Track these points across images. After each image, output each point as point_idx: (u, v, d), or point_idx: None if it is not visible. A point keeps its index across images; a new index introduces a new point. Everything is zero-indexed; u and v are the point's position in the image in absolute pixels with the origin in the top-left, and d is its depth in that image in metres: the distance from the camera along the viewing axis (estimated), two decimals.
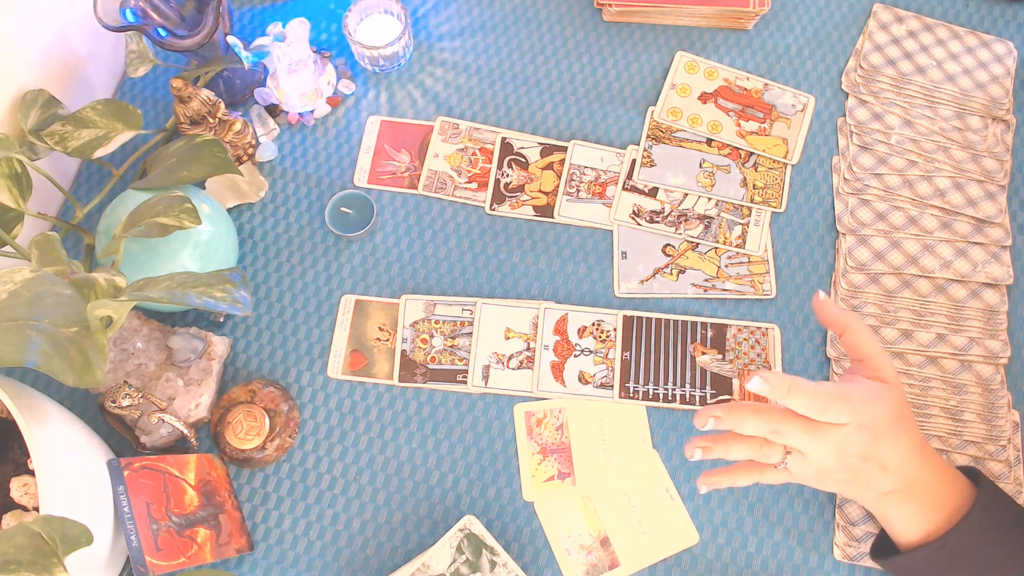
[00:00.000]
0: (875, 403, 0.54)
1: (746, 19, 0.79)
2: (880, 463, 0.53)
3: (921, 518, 0.55)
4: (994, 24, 0.79)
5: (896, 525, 0.56)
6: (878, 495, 0.55)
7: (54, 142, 0.66)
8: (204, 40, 0.67)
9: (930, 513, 0.54)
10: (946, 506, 0.54)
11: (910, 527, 0.55)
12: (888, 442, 0.53)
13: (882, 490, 0.54)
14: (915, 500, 0.54)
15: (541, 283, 0.72)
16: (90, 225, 0.71)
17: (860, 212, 0.72)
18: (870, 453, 0.53)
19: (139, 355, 0.66)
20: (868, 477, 0.54)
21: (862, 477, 0.54)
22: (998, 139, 0.74)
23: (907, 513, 0.55)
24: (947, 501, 0.55)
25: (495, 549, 0.61)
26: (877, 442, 0.53)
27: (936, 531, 0.54)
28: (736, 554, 0.63)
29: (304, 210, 0.74)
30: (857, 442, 0.52)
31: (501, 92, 0.78)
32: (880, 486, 0.54)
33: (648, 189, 0.74)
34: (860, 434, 0.52)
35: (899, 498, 0.54)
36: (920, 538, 0.55)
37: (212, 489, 0.62)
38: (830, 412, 0.52)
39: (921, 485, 0.54)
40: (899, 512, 0.55)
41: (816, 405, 0.52)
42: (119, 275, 0.54)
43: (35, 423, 0.51)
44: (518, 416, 0.67)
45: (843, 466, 0.53)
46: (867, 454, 0.53)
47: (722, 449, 0.55)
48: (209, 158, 0.65)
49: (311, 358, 0.69)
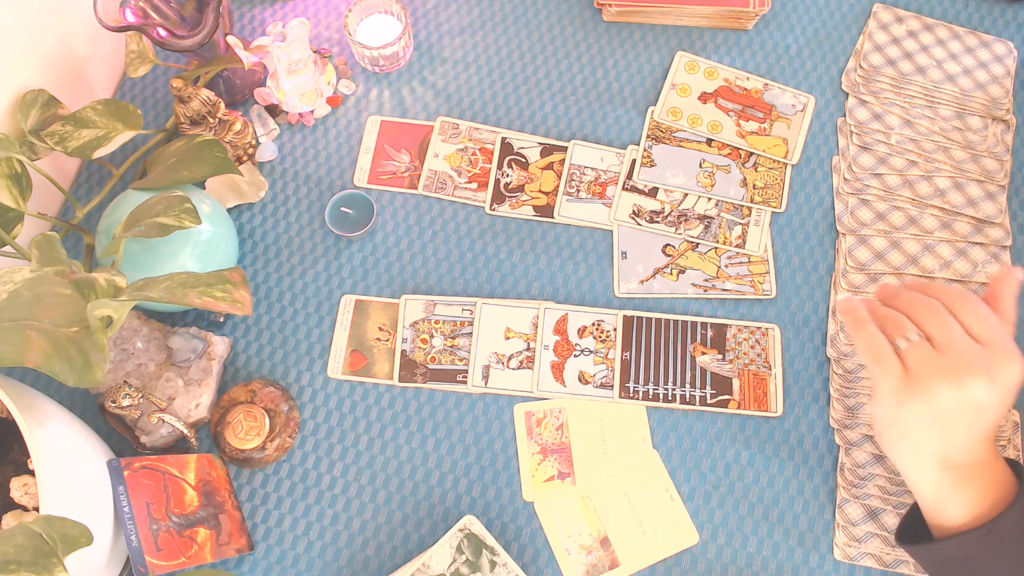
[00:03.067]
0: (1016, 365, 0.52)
1: (746, 19, 0.79)
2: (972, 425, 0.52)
3: (977, 500, 0.53)
4: (994, 24, 0.79)
5: (949, 506, 0.54)
6: (946, 465, 0.53)
7: (54, 142, 0.66)
8: (204, 40, 0.67)
9: (985, 496, 0.53)
10: (995, 491, 0.53)
11: (964, 508, 0.53)
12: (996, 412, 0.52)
13: (952, 459, 0.53)
14: (977, 480, 0.53)
15: (541, 283, 0.72)
16: (90, 225, 0.71)
17: (860, 212, 0.72)
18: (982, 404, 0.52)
19: (139, 355, 0.66)
20: (951, 431, 0.52)
21: (947, 428, 0.52)
22: (998, 139, 0.74)
23: (965, 493, 0.53)
24: (999, 486, 0.53)
25: (495, 549, 0.61)
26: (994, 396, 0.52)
27: (983, 516, 0.53)
28: (736, 554, 0.63)
29: (304, 210, 0.74)
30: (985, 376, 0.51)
31: (501, 92, 0.78)
32: (956, 450, 0.53)
33: (648, 189, 0.74)
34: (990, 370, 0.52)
35: (962, 476, 0.53)
36: (967, 521, 0.53)
37: (212, 489, 0.62)
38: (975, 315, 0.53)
39: (986, 466, 0.53)
40: (957, 492, 0.53)
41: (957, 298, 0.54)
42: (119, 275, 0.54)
43: (35, 423, 0.51)
44: (518, 416, 0.67)
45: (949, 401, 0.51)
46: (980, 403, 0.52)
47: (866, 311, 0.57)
48: (209, 158, 0.65)
49: (311, 358, 0.69)
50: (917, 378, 0.53)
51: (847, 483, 0.64)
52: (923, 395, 0.52)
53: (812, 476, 0.65)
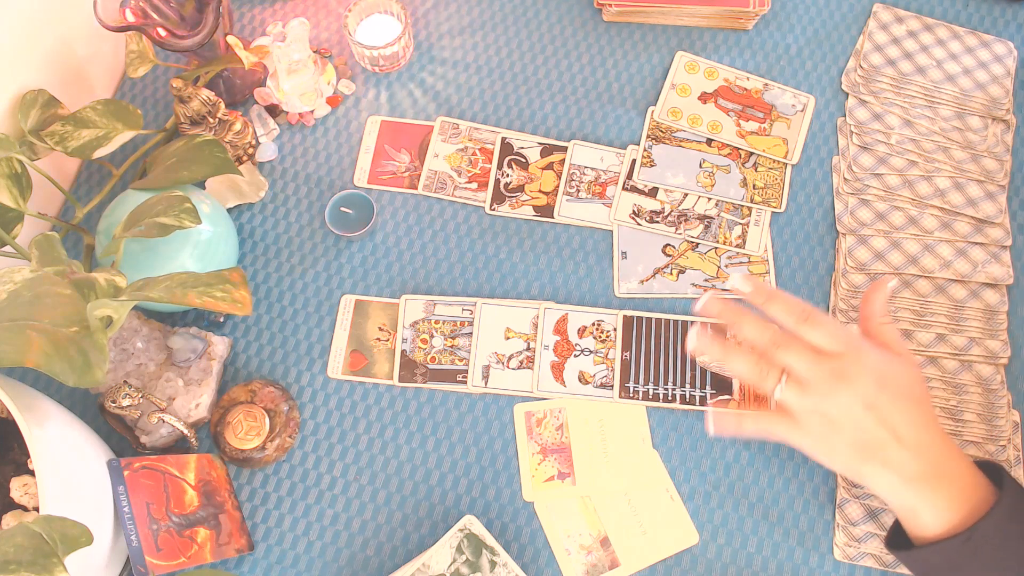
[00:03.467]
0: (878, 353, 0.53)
1: (746, 19, 0.79)
2: (892, 428, 0.52)
3: (950, 509, 0.52)
4: (994, 24, 0.79)
5: (923, 516, 0.53)
6: (904, 479, 0.53)
7: (54, 142, 0.66)
8: (204, 40, 0.67)
9: (959, 504, 0.52)
10: (972, 497, 0.52)
11: (938, 519, 0.53)
12: (899, 404, 0.52)
13: (906, 471, 0.52)
14: (944, 489, 0.53)
15: (541, 283, 0.72)
16: (90, 225, 0.71)
17: (860, 212, 0.72)
18: (875, 403, 0.51)
19: (139, 355, 0.66)
20: (882, 446, 0.52)
21: (875, 445, 0.52)
22: (998, 139, 0.74)
23: (936, 503, 0.53)
24: (973, 492, 0.53)
25: (495, 549, 0.61)
26: (883, 392, 0.51)
27: (961, 523, 0.52)
28: (736, 554, 0.63)
29: (304, 210, 0.74)
30: (858, 380, 0.51)
31: (501, 92, 0.78)
32: (902, 464, 0.52)
33: (648, 189, 0.74)
34: (860, 372, 0.51)
35: (928, 486, 0.52)
36: (945, 531, 0.53)
37: (212, 489, 0.62)
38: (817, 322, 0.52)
39: (949, 472, 0.53)
40: (928, 502, 0.53)
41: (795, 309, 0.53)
42: (119, 275, 0.54)
43: (35, 423, 0.51)
44: (518, 416, 0.67)
45: (850, 419, 0.51)
46: (872, 403, 0.51)
47: (721, 350, 0.56)
48: (209, 158, 0.65)
49: (311, 358, 0.69)
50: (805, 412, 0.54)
51: (847, 483, 0.64)
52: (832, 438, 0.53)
53: (812, 476, 0.65)
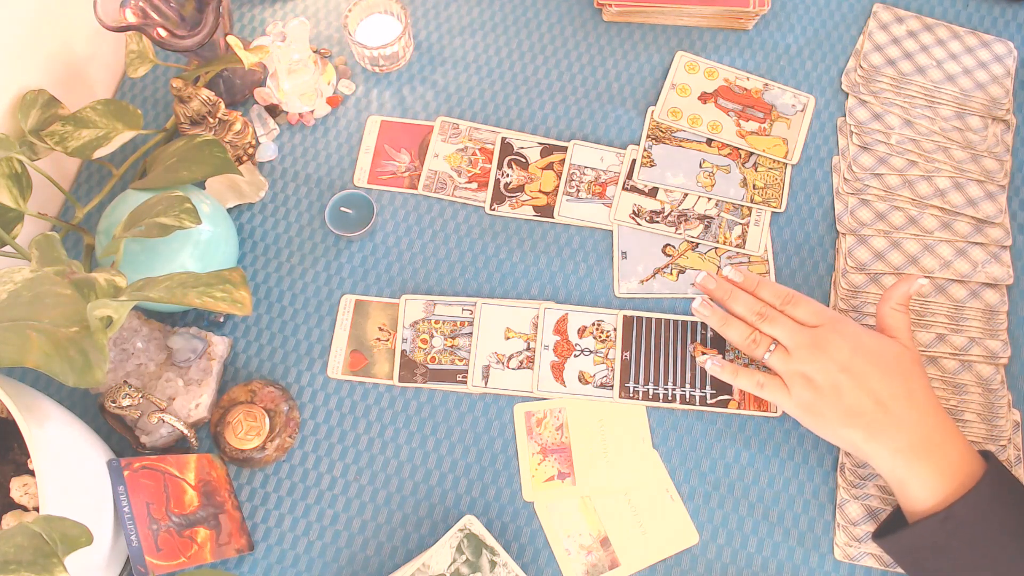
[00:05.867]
0: (857, 326, 0.58)
1: (746, 19, 0.79)
2: (873, 395, 0.55)
3: (937, 482, 0.54)
4: (994, 24, 0.79)
5: (912, 489, 0.55)
6: (891, 450, 0.54)
7: (54, 142, 0.66)
8: (204, 40, 0.67)
9: (945, 477, 0.54)
10: (959, 473, 0.54)
11: (925, 491, 0.54)
12: (877, 371, 0.56)
13: (894, 443, 0.54)
14: (931, 460, 0.54)
15: (541, 283, 0.72)
16: (90, 225, 0.71)
17: (860, 212, 0.72)
18: (849, 366, 0.56)
19: (139, 355, 0.66)
20: (865, 412, 0.55)
21: (858, 410, 0.55)
22: (998, 139, 0.74)
23: (922, 474, 0.54)
24: (960, 468, 0.54)
25: (495, 549, 0.61)
26: (856, 356, 0.56)
27: (947, 499, 0.53)
28: (736, 554, 0.63)
29: (304, 210, 0.74)
30: (833, 345, 0.56)
31: (501, 92, 0.78)
32: (889, 435, 0.54)
33: (648, 189, 0.74)
34: (836, 338, 0.57)
35: (916, 458, 0.54)
36: (933, 505, 0.54)
37: (212, 489, 0.62)
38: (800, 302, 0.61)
39: (937, 445, 0.54)
40: (914, 472, 0.54)
41: (781, 293, 0.62)
42: (119, 275, 0.54)
43: (35, 423, 0.51)
44: (518, 416, 0.67)
45: (828, 380, 0.56)
46: (846, 365, 0.56)
47: (719, 319, 0.63)
48: (209, 158, 0.65)
49: (311, 358, 0.69)
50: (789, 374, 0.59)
51: (847, 483, 0.64)
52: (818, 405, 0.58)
53: (812, 476, 0.65)
